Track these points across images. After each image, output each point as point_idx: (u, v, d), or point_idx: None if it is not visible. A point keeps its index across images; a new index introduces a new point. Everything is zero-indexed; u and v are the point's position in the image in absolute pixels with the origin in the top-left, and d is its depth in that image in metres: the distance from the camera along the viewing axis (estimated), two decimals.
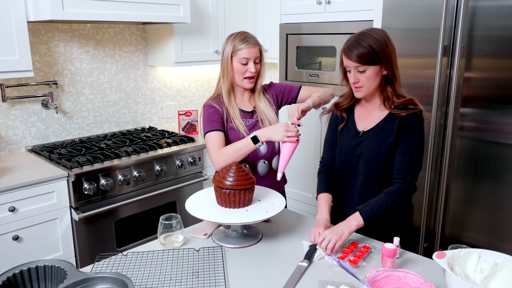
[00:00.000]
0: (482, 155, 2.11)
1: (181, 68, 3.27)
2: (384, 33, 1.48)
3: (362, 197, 1.61)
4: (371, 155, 1.56)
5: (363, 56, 1.43)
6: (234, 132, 1.83)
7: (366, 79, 1.47)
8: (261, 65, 1.85)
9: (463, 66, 2.10)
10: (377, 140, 1.54)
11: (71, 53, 2.69)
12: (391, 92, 1.52)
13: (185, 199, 2.61)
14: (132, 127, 3.09)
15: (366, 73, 1.46)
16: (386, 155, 1.54)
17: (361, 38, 1.45)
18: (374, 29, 1.50)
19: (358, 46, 1.44)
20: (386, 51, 1.45)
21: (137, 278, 1.29)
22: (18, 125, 2.53)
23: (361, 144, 1.58)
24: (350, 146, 1.61)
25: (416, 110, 1.51)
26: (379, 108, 1.57)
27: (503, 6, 1.94)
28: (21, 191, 2.03)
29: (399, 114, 1.51)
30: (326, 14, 2.78)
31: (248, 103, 1.91)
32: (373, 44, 1.43)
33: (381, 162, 1.55)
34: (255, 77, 1.83)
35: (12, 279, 1.11)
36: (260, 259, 1.41)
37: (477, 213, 2.18)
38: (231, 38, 1.81)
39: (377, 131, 1.55)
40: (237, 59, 1.79)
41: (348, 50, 1.46)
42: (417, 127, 1.51)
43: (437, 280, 1.26)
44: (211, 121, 1.81)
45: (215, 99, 1.88)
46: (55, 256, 2.19)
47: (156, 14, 2.48)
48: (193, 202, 1.54)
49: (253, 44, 1.79)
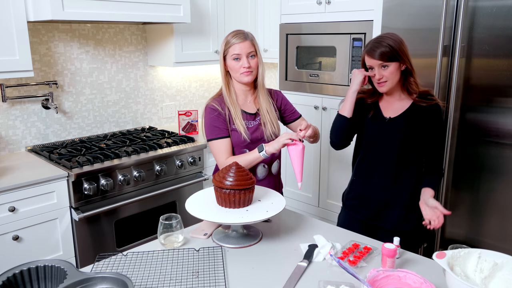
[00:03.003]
0: (482, 155, 2.11)
1: (181, 68, 3.27)
2: (398, 36, 1.70)
3: (387, 179, 1.78)
4: (400, 140, 1.74)
5: (386, 53, 1.64)
6: (236, 133, 1.82)
7: (389, 74, 1.67)
8: (257, 59, 1.81)
9: (463, 66, 2.10)
10: (406, 125, 1.73)
11: (71, 53, 2.69)
12: (414, 82, 1.72)
13: (185, 199, 2.62)
14: (132, 127, 3.09)
15: (389, 68, 1.66)
16: (414, 140, 1.74)
17: (381, 40, 1.67)
18: (389, 33, 1.72)
19: (380, 46, 1.65)
20: (403, 49, 1.67)
21: (137, 278, 1.29)
22: (18, 125, 2.53)
23: (389, 129, 1.76)
24: (378, 130, 1.78)
25: (435, 101, 1.72)
26: (401, 98, 1.76)
27: (503, 6, 1.94)
28: (21, 191, 2.03)
29: (420, 103, 1.72)
30: (326, 14, 2.78)
31: (252, 105, 1.89)
32: (392, 43, 1.65)
33: (408, 146, 1.74)
34: (252, 70, 1.79)
35: (12, 279, 1.11)
36: (260, 259, 1.41)
37: (477, 213, 2.18)
38: (225, 38, 1.81)
39: (405, 118, 1.74)
40: (230, 56, 1.78)
41: (371, 50, 1.67)
42: (440, 118, 1.74)
43: (437, 280, 1.26)
44: (215, 127, 1.80)
45: (217, 99, 1.85)
46: (55, 256, 2.19)
47: (156, 14, 2.48)
48: (193, 202, 1.54)
49: (242, 39, 1.76)
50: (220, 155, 1.80)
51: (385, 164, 1.78)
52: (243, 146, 1.84)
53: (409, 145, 1.74)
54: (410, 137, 1.73)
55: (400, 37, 1.69)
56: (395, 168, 1.77)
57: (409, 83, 1.72)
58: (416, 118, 1.73)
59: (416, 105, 1.73)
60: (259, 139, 1.86)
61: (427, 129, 1.73)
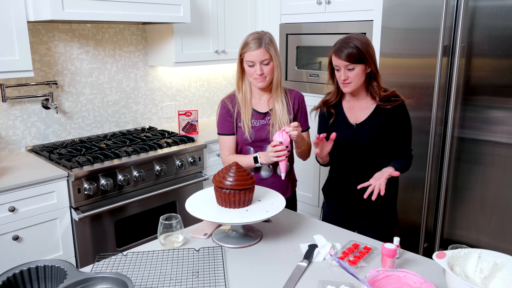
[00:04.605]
0: (482, 155, 2.11)
1: (181, 68, 3.27)
2: (365, 37, 1.71)
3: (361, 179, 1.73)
4: (368, 144, 1.76)
5: (352, 55, 1.65)
6: (240, 131, 1.87)
7: (354, 76, 1.68)
8: (273, 65, 1.81)
9: (463, 66, 2.11)
10: (371, 130, 1.75)
11: (71, 53, 2.69)
12: (377, 86, 1.74)
13: (185, 199, 2.62)
14: (132, 127, 3.09)
15: (354, 70, 1.68)
16: (381, 142, 1.76)
17: (349, 40, 1.68)
18: (357, 34, 1.74)
19: (347, 46, 1.66)
20: (369, 51, 1.68)
21: (137, 278, 1.29)
22: (18, 125, 2.53)
23: (356, 135, 1.77)
24: (347, 138, 1.79)
25: (399, 101, 1.74)
26: (365, 102, 1.78)
27: (503, 6, 1.94)
28: (21, 191, 2.03)
29: (385, 107, 1.74)
30: (326, 14, 2.78)
31: (266, 104, 1.90)
32: (359, 45, 1.66)
33: (376, 149, 1.77)
34: (265, 76, 1.81)
35: (12, 279, 1.11)
36: (260, 259, 1.41)
37: (477, 213, 2.18)
38: (245, 37, 1.82)
39: (370, 122, 1.76)
40: (245, 60, 1.80)
41: (338, 51, 1.68)
42: (406, 116, 1.77)
43: (437, 280, 1.26)
44: (223, 124, 1.91)
45: (231, 95, 1.92)
46: (55, 256, 2.19)
47: (156, 14, 2.48)
48: (193, 202, 1.54)
49: (256, 47, 1.76)
50: (223, 150, 1.93)
51: (357, 168, 1.80)
52: (247, 144, 1.89)
53: (378, 147, 1.76)
54: (378, 140, 1.75)
55: (368, 39, 1.70)
56: (367, 171, 1.76)
57: (372, 87, 1.74)
58: (382, 121, 1.74)
59: (380, 108, 1.75)
60: (263, 139, 1.87)
61: (394, 130, 1.75)
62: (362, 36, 1.70)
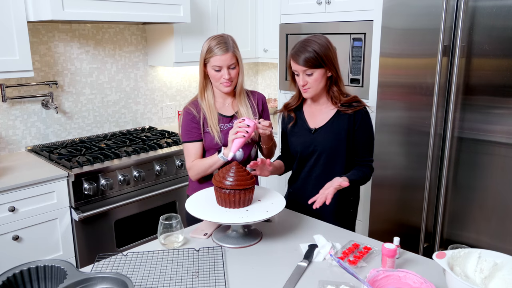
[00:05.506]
0: (482, 155, 2.11)
1: (181, 68, 3.27)
2: (325, 39, 1.65)
3: (317, 189, 1.62)
4: (325, 150, 1.72)
5: (310, 60, 1.59)
6: (209, 136, 1.81)
7: (313, 81, 1.63)
8: (238, 69, 1.78)
9: (463, 66, 2.10)
10: (330, 135, 1.71)
11: (71, 53, 2.69)
12: (337, 91, 1.70)
13: (185, 199, 2.61)
14: (132, 127, 3.09)
15: (313, 75, 1.62)
16: (339, 149, 1.72)
17: (306, 44, 1.61)
18: (316, 36, 1.67)
19: (304, 51, 1.60)
20: (329, 55, 1.62)
21: (137, 278, 1.29)
22: (18, 125, 2.53)
23: (315, 140, 1.74)
24: (305, 143, 1.75)
25: (361, 106, 1.70)
26: (326, 107, 1.74)
27: (503, 6, 1.94)
28: (21, 191, 2.03)
29: (346, 112, 1.69)
30: (326, 14, 2.78)
31: (230, 108, 1.87)
32: (318, 49, 1.59)
33: (334, 155, 1.72)
34: (232, 80, 1.77)
35: (12, 279, 1.11)
36: (260, 259, 1.41)
37: (477, 213, 2.18)
38: (206, 42, 1.76)
39: (329, 127, 1.72)
40: (210, 65, 1.75)
41: (296, 55, 1.62)
42: (367, 122, 1.72)
43: (437, 280, 1.26)
44: (188, 131, 1.82)
45: (194, 101, 1.86)
46: (55, 256, 2.19)
47: (156, 14, 2.48)
48: (193, 202, 1.54)
49: (224, 51, 1.71)
50: (188, 157, 1.84)
51: (315, 173, 1.77)
52: (216, 149, 1.81)
53: (336, 155, 1.72)
54: (337, 146, 1.71)
55: (328, 41, 1.64)
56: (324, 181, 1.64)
57: (333, 91, 1.70)
58: (342, 126, 1.70)
59: (341, 113, 1.70)
60: None
61: (354, 136, 1.71)
62: (322, 38, 1.65)
